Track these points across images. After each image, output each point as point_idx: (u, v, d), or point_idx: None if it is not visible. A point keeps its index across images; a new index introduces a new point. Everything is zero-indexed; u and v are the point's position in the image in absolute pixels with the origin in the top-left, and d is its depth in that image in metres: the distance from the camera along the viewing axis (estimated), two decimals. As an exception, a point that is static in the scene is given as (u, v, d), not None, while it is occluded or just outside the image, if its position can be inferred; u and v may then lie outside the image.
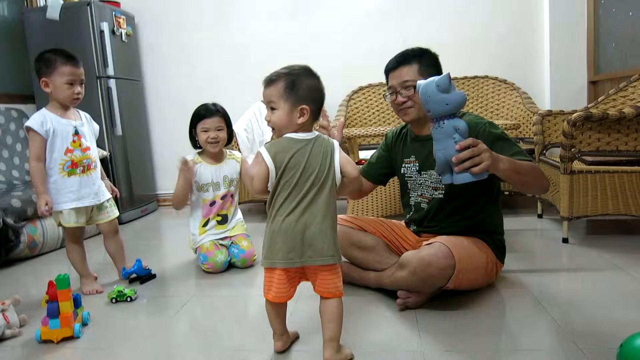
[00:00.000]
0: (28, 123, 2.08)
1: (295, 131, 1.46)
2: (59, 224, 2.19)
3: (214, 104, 2.50)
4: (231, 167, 2.55)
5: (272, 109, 1.46)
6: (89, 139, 2.23)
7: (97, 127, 2.33)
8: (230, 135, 2.55)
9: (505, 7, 3.89)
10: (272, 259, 1.43)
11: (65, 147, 2.12)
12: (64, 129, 2.13)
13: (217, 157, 2.54)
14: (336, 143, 1.50)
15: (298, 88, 1.43)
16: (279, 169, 1.42)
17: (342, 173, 1.46)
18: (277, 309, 1.51)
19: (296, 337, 1.63)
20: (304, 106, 1.43)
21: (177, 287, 2.27)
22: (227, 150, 2.60)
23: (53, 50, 2.11)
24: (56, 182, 2.12)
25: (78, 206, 2.16)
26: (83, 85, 2.16)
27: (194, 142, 2.53)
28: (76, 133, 2.16)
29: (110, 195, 2.33)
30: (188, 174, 2.40)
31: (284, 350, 1.55)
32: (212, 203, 2.50)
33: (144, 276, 2.31)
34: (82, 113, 2.27)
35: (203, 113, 2.46)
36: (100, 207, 2.26)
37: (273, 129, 1.49)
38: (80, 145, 2.16)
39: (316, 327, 1.68)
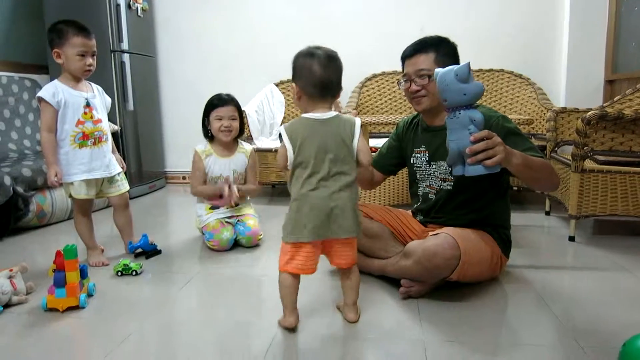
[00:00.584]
0: (40, 93, 2.09)
1: (308, 110, 1.55)
2: (70, 196, 2.21)
3: (227, 94, 2.50)
4: (240, 160, 2.54)
5: None
6: (101, 111, 2.24)
7: (109, 100, 2.33)
8: (242, 127, 2.54)
9: (525, 0, 3.83)
10: (298, 234, 1.52)
11: (77, 118, 2.13)
12: (75, 100, 2.13)
13: (229, 148, 2.52)
14: (358, 124, 1.55)
15: (294, 70, 1.56)
16: (295, 147, 1.51)
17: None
18: (294, 284, 1.57)
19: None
20: (294, 84, 1.56)
21: (183, 263, 2.29)
22: (240, 142, 2.59)
23: (65, 22, 2.11)
24: (67, 154, 2.14)
25: (89, 178, 2.18)
26: (95, 57, 2.16)
27: (206, 132, 2.52)
28: (87, 105, 2.16)
29: (122, 169, 2.34)
30: (221, 194, 2.40)
31: (294, 327, 1.58)
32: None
33: (150, 251, 2.33)
34: (94, 85, 2.27)
35: (216, 102, 2.45)
36: (111, 180, 2.27)
37: None
38: (91, 117, 2.17)
39: (316, 307, 1.70)
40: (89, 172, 2.18)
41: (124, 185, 2.33)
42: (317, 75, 1.51)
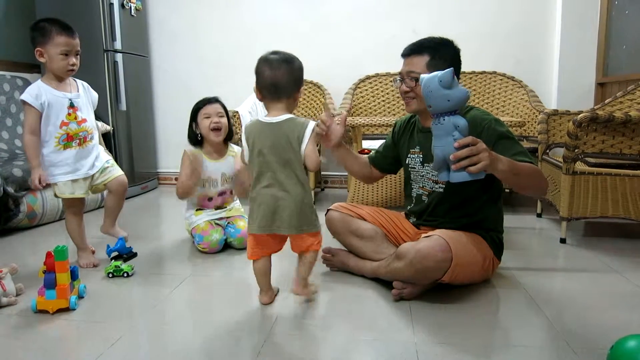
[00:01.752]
0: (23, 96, 2.06)
1: (267, 111, 1.70)
2: (55, 195, 2.19)
3: (212, 97, 2.50)
4: (229, 164, 2.52)
5: None
6: (86, 110, 2.20)
7: (95, 95, 2.30)
8: (231, 129, 2.52)
9: (517, 3, 3.86)
10: (251, 227, 1.68)
11: (60, 120, 2.10)
12: (59, 101, 2.10)
13: (219, 151, 2.51)
14: (309, 129, 1.63)
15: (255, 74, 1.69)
16: (249, 147, 1.68)
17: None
18: (262, 269, 1.74)
19: (277, 291, 1.86)
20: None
21: (174, 265, 2.28)
22: (230, 144, 2.57)
23: (48, 20, 2.07)
24: (50, 155, 2.12)
25: (73, 178, 2.16)
26: (78, 56, 2.13)
27: (194, 138, 2.47)
28: (71, 105, 2.14)
29: (110, 157, 2.34)
30: (197, 166, 2.37)
31: (269, 303, 1.77)
32: (210, 199, 2.50)
33: (126, 254, 2.28)
34: (79, 82, 2.24)
35: (202, 104, 2.45)
36: (102, 171, 2.27)
37: None
38: (75, 117, 2.14)
39: (308, 310, 1.71)
40: (73, 172, 2.16)
41: (116, 170, 2.32)
42: (266, 78, 1.64)
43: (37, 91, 2.07)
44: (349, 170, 2.15)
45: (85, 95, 2.23)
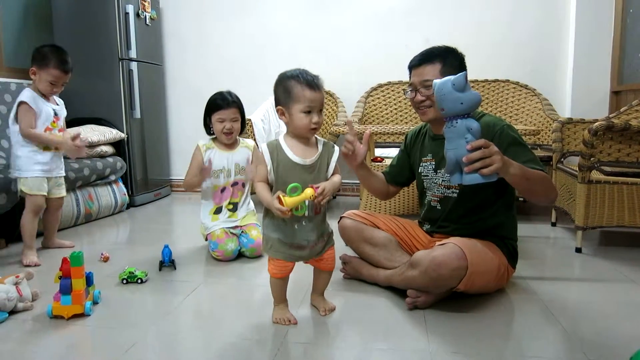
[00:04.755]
0: (23, 98, 2.33)
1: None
2: (21, 192, 2.39)
3: (230, 93, 2.50)
4: (243, 154, 2.56)
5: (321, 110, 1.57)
6: (62, 121, 2.53)
7: (65, 112, 2.58)
8: (244, 124, 2.56)
9: (531, 11, 3.85)
10: None
11: (46, 125, 2.40)
12: (47, 109, 2.41)
13: (230, 144, 2.56)
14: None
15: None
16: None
17: None
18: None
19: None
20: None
21: (187, 272, 2.28)
22: (240, 138, 2.61)
23: (52, 49, 2.37)
24: (29, 154, 2.38)
25: (46, 176, 2.43)
26: (63, 86, 2.43)
27: (208, 130, 2.54)
28: (55, 115, 2.45)
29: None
30: (204, 171, 2.40)
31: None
32: (223, 189, 2.53)
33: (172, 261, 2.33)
34: (57, 98, 2.53)
35: (219, 103, 2.45)
36: (58, 183, 2.55)
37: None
38: (56, 126, 2.45)
39: (322, 320, 1.70)
40: (47, 172, 2.43)
41: (64, 190, 2.60)
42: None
43: (34, 96, 2.36)
44: (369, 188, 2.15)
45: (62, 109, 2.53)
